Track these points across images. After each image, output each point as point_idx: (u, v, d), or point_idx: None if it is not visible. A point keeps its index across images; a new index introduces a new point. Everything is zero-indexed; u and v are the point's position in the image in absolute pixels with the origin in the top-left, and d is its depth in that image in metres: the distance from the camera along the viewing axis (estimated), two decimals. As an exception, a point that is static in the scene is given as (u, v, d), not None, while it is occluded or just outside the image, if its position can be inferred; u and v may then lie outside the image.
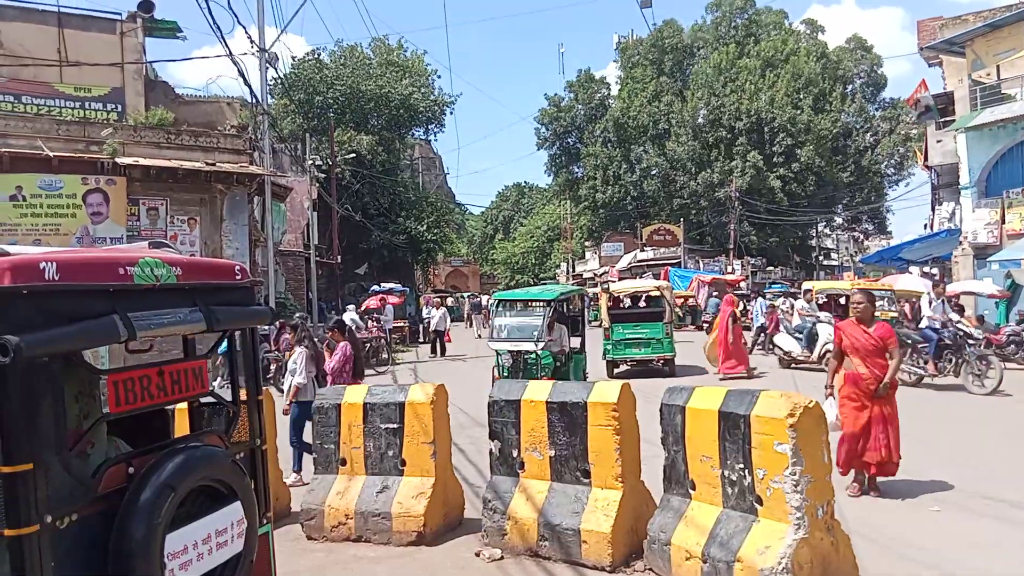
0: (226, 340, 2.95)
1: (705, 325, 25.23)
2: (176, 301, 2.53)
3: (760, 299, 21.92)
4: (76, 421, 2.34)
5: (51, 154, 16.99)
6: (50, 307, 2.07)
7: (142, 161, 17.83)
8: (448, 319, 23.53)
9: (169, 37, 23.10)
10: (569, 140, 54.43)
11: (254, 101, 20.08)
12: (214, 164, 18.55)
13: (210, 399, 2.90)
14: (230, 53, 16.04)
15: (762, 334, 20.02)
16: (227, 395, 3.03)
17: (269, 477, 6.01)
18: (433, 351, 21.98)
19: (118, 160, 17.53)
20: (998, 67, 23.08)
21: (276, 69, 22.48)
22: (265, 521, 2.88)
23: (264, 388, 6.37)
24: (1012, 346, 15.45)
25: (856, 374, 6.31)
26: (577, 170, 54.81)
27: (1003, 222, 21.58)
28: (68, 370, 2.29)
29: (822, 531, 4.09)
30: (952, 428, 8.95)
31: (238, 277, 2.87)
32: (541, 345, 10.33)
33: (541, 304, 11.10)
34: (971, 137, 22.47)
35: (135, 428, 2.82)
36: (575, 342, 12.29)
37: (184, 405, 2.98)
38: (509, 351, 10.66)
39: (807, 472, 4.01)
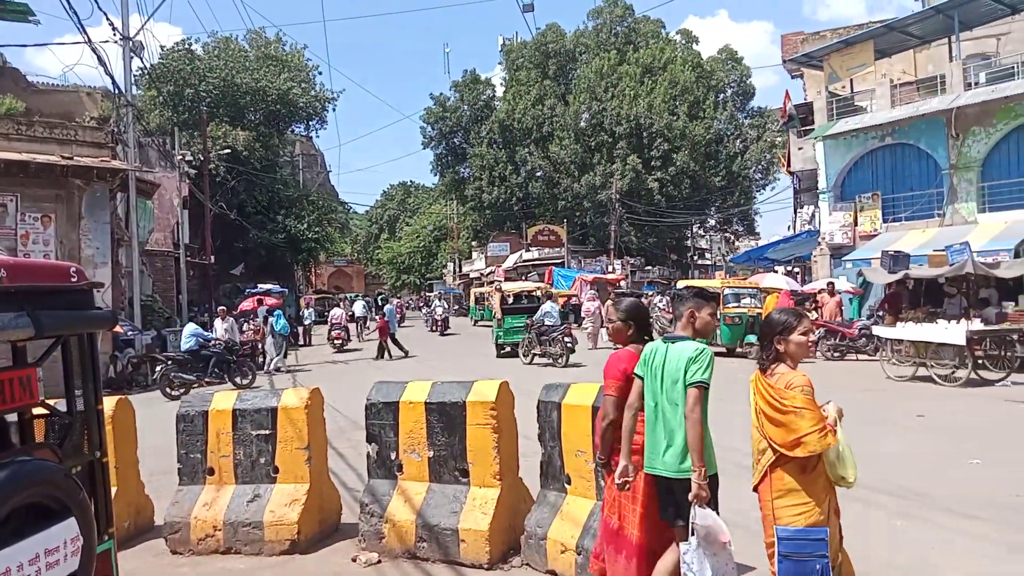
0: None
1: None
2: (0, 305, 2.31)
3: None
4: None
5: None
6: None
7: (-13, 153, 16.39)
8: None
9: (20, 20, 21.27)
10: (455, 140, 54.45)
11: (117, 92, 18.89)
12: (71, 158, 17.30)
13: (42, 410, 2.67)
14: (88, 40, 15.00)
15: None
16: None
17: (129, 489, 5.71)
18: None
19: (-42, 151, 16.04)
20: (851, 81, 24.93)
21: (142, 59, 21.27)
22: (107, 538, 2.69)
23: (123, 397, 6.02)
24: (863, 339, 16.71)
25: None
26: (463, 170, 54.91)
27: (856, 224, 23.31)
28: None
29: (689, 519, 4.24)
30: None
31: (74, 279, 2.66)
32: None
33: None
34: (828, 145, 24.15)
35: None
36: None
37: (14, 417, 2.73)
38: None
39: (675, 463, 4.14)
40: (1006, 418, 9.77)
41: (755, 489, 3.37)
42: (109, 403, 5.67)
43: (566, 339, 16.52)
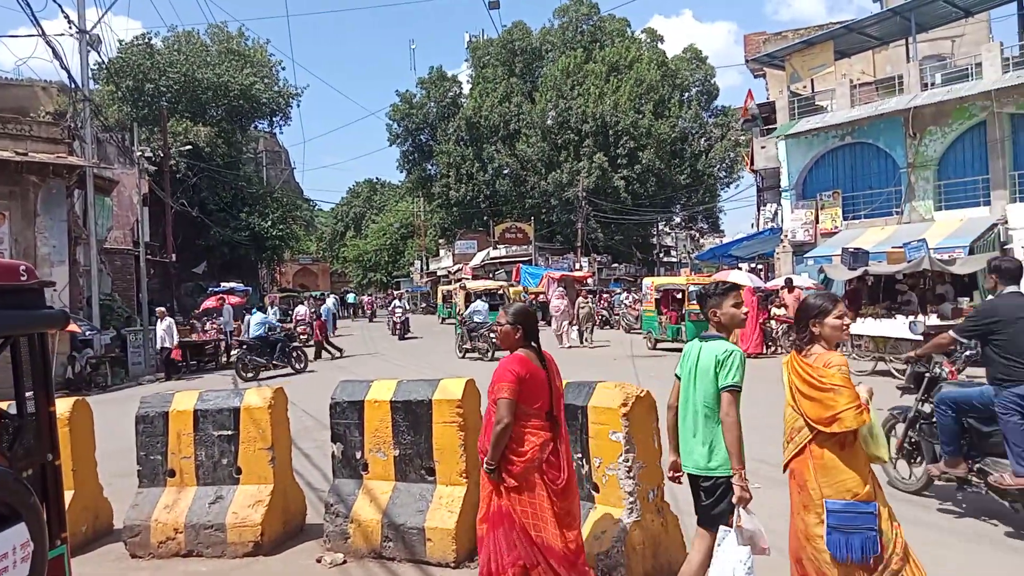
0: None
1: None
2: (-54, 306, 2.23)
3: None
4: None
5: None
6: None
7: (-64, 148, 15.90)
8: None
9: (-30, 11, 20.75)
10: (422, 137, 54.21)
11: (73, 86, 18.44)
12: (26, 153, 16.85)
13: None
14: (43, 33, 14.59)
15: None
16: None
17: (86, 493, 5.58)
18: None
19: (-94, 146, 15.53)
20: (812, 81, 25.35)
21: (99, 53, 20.77)
22: (59, 543, 2.62)
23: (80, 398, 5.88)
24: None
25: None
26: (430, 167, 54.69)
27: (817, 222, 23.71)
28: None
29: (653, 513, 4.28)
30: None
31: (23, 278, 2.58)
32: None
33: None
34: (790, 144, 24.52)
35: None
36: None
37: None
38: None
39: (639, 458, 4.18)
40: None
41: (786, 467, 3.43)
42: (66, 405, 5.54)
43: (491, 335, 17.85)
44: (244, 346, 16.81)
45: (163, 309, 18.59)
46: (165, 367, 17.60)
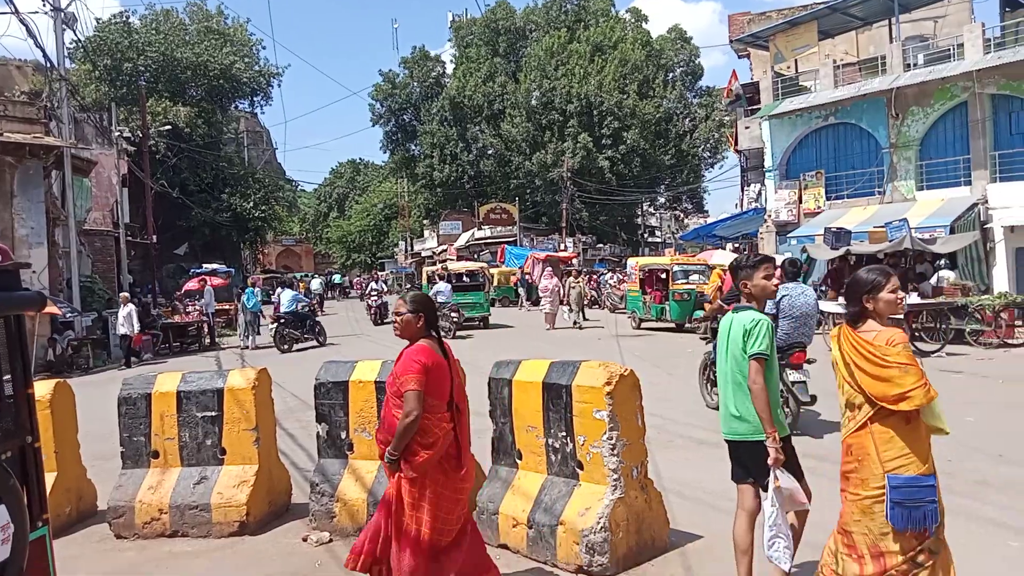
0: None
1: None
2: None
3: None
4: None
5: None
6: None
7: (-91, 128, 15.58)
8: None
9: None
10: (405, 117, 53.77)
11: (49, 65, 18.10)
12: (1, 134, 16.57)
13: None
14: (16, 11, 14.27)
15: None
16: None
17: (69, 474, 5.55)
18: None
19: None
20: (796, 61, 25.35)
21: (75, 31, 20.37)
22: (41, 524, 2.60)
23: (62, 381, 5.83)
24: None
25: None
26: (414, 148, 54.31)
27: (800, 202, 23.82)
28: None
29: (636, 490, 4.33)
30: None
31: None
32: None
33: None
34: (773, 124, 24.55)
35: None
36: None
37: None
38: None
39: (623, 436, 4.21)
40: (940, 388, 10.12)
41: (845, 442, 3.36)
42: (48, 387, 5.51)
43: (453, 315, 19.43)
44: (280, 320, 17.85)
45: (126, 295, 17.81)
46: (126, 355, 16.63)
